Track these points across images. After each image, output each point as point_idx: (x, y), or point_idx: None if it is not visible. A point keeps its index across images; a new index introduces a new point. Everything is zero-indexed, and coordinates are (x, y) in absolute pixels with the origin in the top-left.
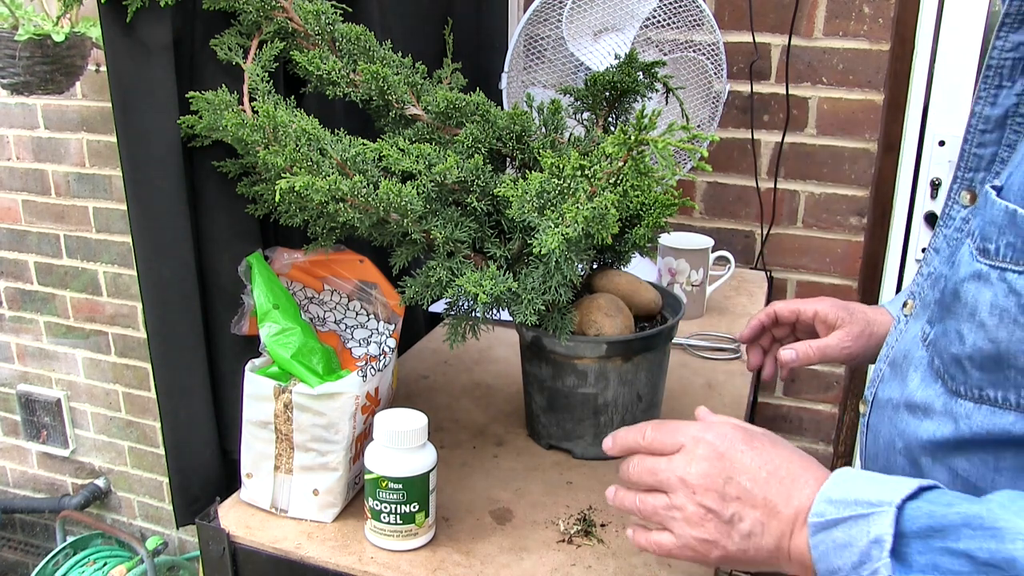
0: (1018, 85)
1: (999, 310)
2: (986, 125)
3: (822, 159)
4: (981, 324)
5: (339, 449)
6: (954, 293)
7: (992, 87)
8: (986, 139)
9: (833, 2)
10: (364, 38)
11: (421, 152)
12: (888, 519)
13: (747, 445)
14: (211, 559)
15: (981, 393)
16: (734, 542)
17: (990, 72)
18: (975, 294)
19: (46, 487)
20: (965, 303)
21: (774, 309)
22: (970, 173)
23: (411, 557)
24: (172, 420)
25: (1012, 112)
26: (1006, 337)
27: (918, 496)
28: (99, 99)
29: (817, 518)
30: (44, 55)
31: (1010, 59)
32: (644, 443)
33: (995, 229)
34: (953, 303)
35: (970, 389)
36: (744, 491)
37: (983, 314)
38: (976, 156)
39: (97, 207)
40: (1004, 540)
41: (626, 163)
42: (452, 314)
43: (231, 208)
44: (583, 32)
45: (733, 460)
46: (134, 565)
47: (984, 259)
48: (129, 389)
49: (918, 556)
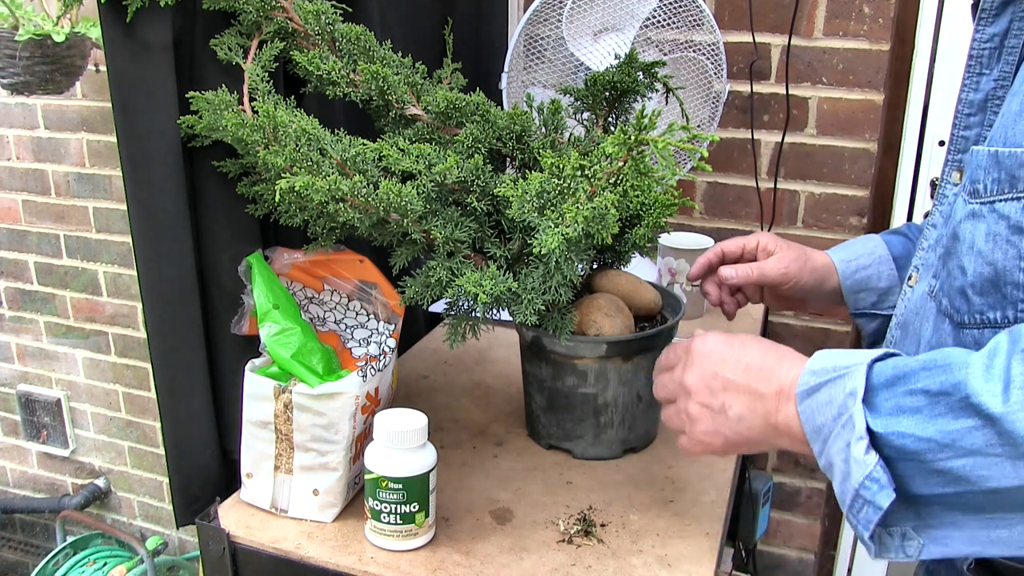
0: (995, 71)
1: (992, 235)
2: (970, 109)
3: (822, 159)
4: (979, 252)
5: (339, 449)
6: (953, 236)
7: (974, 75)
8: (971, 122)
9: (833, 2)
10: (364, 38)
11: (421, 152)
12: (860, 375)
13: (727, 345)
14: (211, 559)
15: (983, 317)
16: (730, 427)
17: (971, 61)
18: (972, 230)
19: (46, 487)
20: (964, 240)
21: (720, 247)
22: (959, 155)
23: (411, 557)
24: (172, 420)
25: (991, 96)
26: (1001, 257)
27: (886, 358)
28: (99, 99)
29: (803, 387)
30: (44, 55)
31: (987, 49)
32: (661, 363)
33: (981, 171)
34: (953, 245)
35: (973, 316)
36: (728, 382)
37: (980, 243)
38: (963, 139)
39: (97, 207)
40: (952, 371)
41: (626, 163)
42: (452, 314)
43: (231, 208)
44: (583, 32)
45: (716, 359)
46: (134, 565)
47: (975, 199)
48: (129, 389)
49: (884, 402)
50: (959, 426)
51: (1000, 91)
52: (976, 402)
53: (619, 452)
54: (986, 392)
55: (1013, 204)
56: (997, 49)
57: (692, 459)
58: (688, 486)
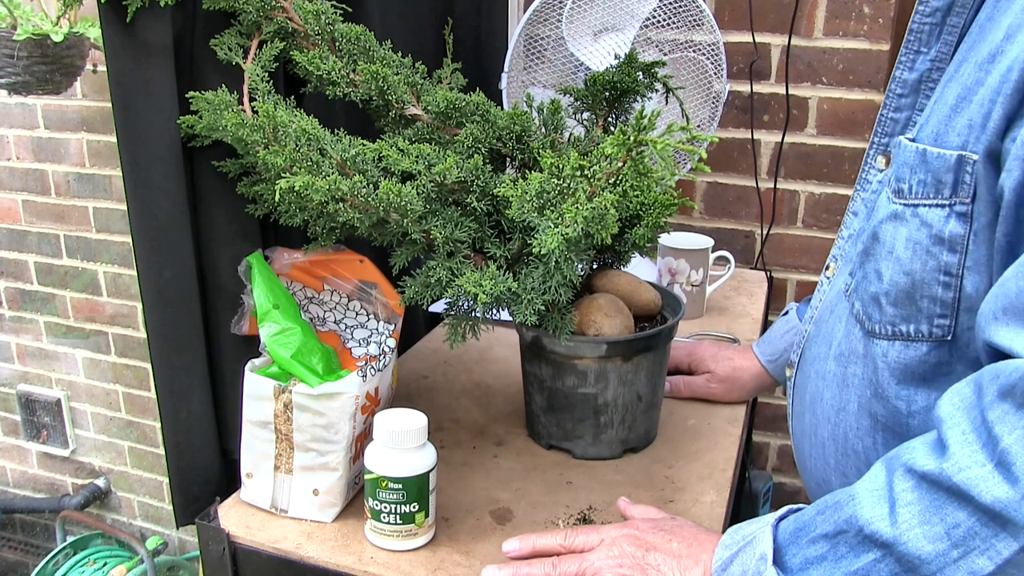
0: (933, 51)
1: (912, 243)
2: (903, 89)
3: (822, 159)
4: (897, 259)
5: (339, 449)
6: (873, 236)
7: (911, 52)
8: (902, 103)
9: (833, 2)
10: (364, 38)
11: (421, 152)
12: (767, 537)
13: (658, 528)
14: (211, 559)
15: (894, 329)
16: None
17: (911, 37)
18: (892, 233)
19: (46, 487)
20: (883, 243)
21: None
22: (886, 138)
23: (411, 557)
24: (172, 420)
25: (926, 77)
26: (920, 268)
27: (788, 515)
28: (99, 99)
29: (718, 562)
30: (43, 55)
31: (928, 24)
32: (566, 544)
33: (907, 169)
34: (872, 246)
35: (884, 326)
36: (660, 559)
37: (899, 250)
38: (892, 120)
39: (97, 207)
40: (841, 508)
41: (626, 163)
42: (452, 314)
43: (231, 208)
44: (583, 32)
45: (649, 541)
46: (134, 565)
47: (898, 199)
48: (129, 389)
49: (792, 558)
50: (862, 563)
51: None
52: (870, 532)
53: (619, 452)
54: (876, 519)
55: (937, 211)
56: (938, 26)
57: (692, 459)
58: (688, 486)
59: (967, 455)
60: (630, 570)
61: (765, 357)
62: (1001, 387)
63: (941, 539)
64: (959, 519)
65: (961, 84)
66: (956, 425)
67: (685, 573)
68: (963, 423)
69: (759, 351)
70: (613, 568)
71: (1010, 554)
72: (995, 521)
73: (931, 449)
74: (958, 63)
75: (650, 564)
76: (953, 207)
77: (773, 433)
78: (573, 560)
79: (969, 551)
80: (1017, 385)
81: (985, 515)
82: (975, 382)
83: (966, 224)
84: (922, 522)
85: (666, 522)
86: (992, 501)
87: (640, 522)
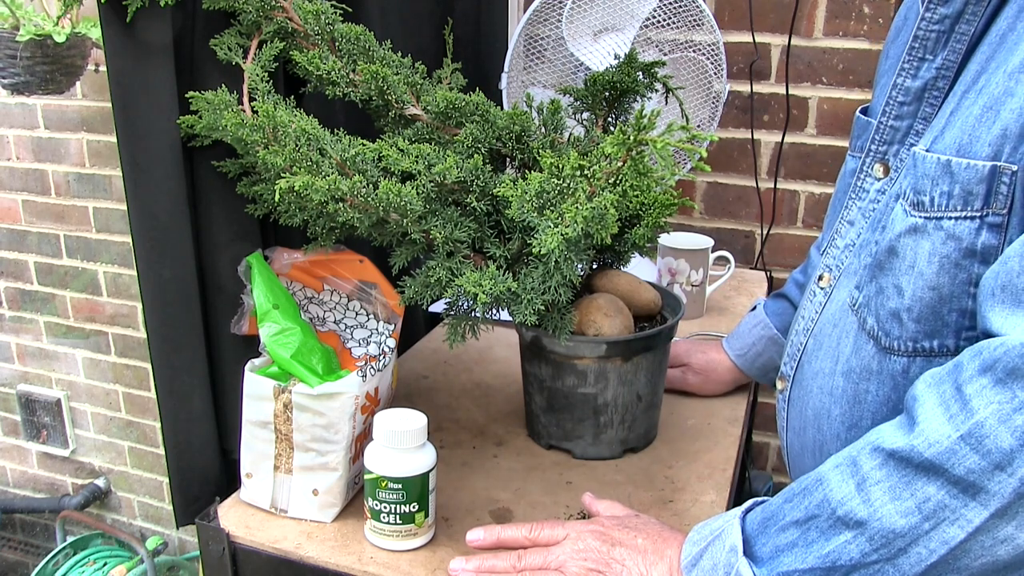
0: (939, 59)
1: (939, 256)
2: (905, 97)
3: (822, 159)
4: (920, 274)
5: (339, 449)
6: (889, 251)
7: (916, 59)
8: (904, 111)
9: (833, 2)
10: (364, 38)
11: (421, 152)
12: (735, 529)
13: (623, 525)
14: (211, 559)
15: (916, 346)
16: None
17: (916, 43)
18: (913, 247)
19: (46, 487)
20: (903, 257)
21: None
22: (884, 146)
23: (411, 557)
24: (172, 420)
25: (930, 85)
26: (948, 282)
27: (754, 508)
28: (99, 99)
29: (687, 558)
30: (45, 55)
31: (935, 32)
32: (531, 537)
33: (928, 181)
34: (888, 260)
35: (905, 343)
36: (625, 554)
37: (922, 264)
38: (892, 128)
39: (97, 207)
40: (811, 493)
41: (625, 163)
42: (452, 314)
43: (231, 208)
44: (583, 32)
45: (614, 536)
46: (134, 565)
47: (919, 212)
48: (129, 389)
49: (762, 548)
50: (833, 545)
51: (941, 81)
52: (842, 513)
53: (619, 452)
54: (848, 499)
55: (966, 224)
56: (946, 33)
57: (692, 459)
58: (688, 486)
59: (935, 428)
60: (595, 563)
61: (733, 352)
62: (983, 363)
63: (912, 513)
64: (929, 492)
65: (987, 94)
66: (927, 401)
67: (650, 568)
68: (933, 398)
69: (727, 346)
70: (578, 562)
71: (980, 522)
72: (966, 492)
73: (898, 427)
74: (976, 72)
75: (615, 559)
76: (984, 218)
77: (773, 433)
78: (538, 553)
79: (940, 522)
80: (1000, 360)
81: (955, 487)
82: (954, 362)
83: (999, 235)
84: (893, 498)
85: (631, 519)
86: (964, 472)
87: (606, 519)
